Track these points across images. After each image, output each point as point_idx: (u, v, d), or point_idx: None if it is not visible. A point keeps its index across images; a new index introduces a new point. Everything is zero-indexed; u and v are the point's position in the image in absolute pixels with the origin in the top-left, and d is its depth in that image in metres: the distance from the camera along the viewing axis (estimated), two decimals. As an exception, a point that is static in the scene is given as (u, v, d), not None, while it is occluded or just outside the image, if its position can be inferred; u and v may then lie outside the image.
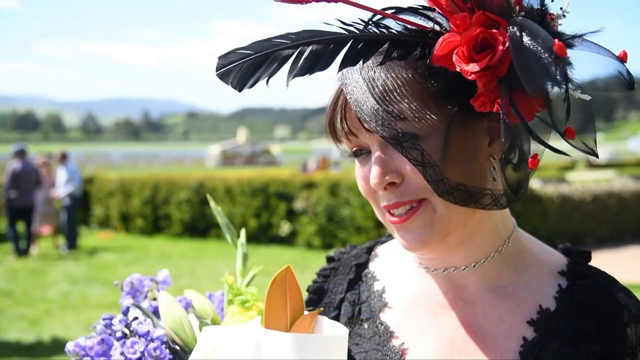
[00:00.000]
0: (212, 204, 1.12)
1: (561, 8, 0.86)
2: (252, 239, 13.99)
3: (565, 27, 0.88)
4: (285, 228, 13.62)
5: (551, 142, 0.86)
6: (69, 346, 0.99)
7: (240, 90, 0.89)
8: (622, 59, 0.83)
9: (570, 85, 0.82)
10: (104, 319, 1.01)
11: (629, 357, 0.97)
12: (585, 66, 0.84)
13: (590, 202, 12.92)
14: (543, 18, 0.86)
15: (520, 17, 0.83)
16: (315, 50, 0.88)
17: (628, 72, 0.83)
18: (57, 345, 6.55)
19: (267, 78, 0.88)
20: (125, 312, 1.03)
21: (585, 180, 16.88)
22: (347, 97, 0.91)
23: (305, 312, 0.92)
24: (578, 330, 0.98)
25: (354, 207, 11.93)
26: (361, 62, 0.90)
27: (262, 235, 13.94)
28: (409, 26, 0.91)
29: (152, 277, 1.12)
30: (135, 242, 14.89)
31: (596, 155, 0.86)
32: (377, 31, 0.90)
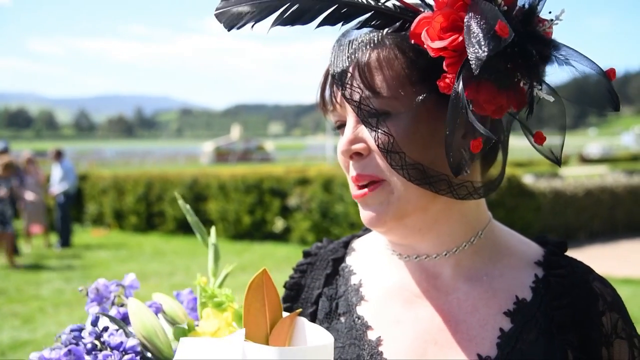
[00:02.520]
0: (180, 202, 1.07)
1: (550, 12, 0.88)
2: (246, 235, 13.98)
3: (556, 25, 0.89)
4: (279, 224, 13.61)
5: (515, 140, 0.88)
6: (33, 356, 0.92)
7: (229, 30, 0.98)
8: (610, 77, 0.84)
9: (535, 85, 0.85)
10: (71, 331, 0.94)
11: (604, 346, 0.98)
12: (572, 77, 0.86)
13: (583, 197, 12.97)
14: (529, 18, 0.87)
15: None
16: (302, 7, 0.96)
17: (613, 92, 0.84)
18: (51, 343, 6.50)
19: (253, 23, 0.97)
20: (95, 322, 0.96)
21: (577, 175, 16.95)
22: (329, 63, 0.97)
23: (284, 314, 0.90)
24: (554, 320, 0.98)
25: (347, 203, 11.93)
26: (340, 24, 0.97)
27: (256, 232, 13.93)
28: (395, 2, 0.96)
29: (119, 282, 1.05)
30: (129, 239, 14.85)
31: (558, 164, 0.89)
32: (363, 1, 0.96)
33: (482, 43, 0.80)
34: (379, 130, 0.92)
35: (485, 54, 0.80)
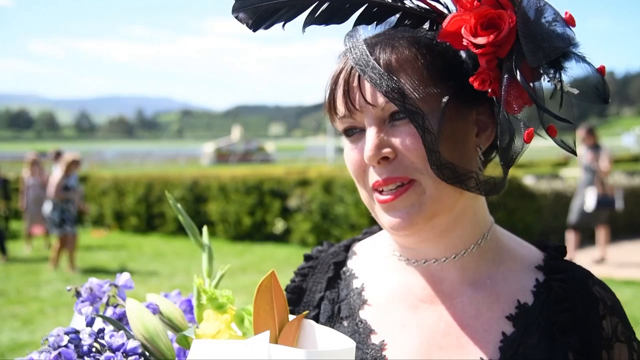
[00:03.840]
0: (171, 202, 1.05)
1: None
2: (246, 236, 13.97)
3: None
4: (279, 226, 13.60)
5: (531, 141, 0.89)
6: None
7: (255, 30, 0.96)
8: (601, 72, 0.87)
9: (563, 78, 0.86)
10: (67, 333, 0.90)
11: (605, 349, 0.99)
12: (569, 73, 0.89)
13: (583, 198, 12.95)
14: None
15: None
16: (333, 6, 0.95)
17: (604, 86, 0.87)
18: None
19: (284, 22, 0.96)
20: (90, 323, 0.94)
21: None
22: (354, 65, 0.95)
23: (290, 317, 0.90)
24: (556, 324, 0.99)
25: (348, 205, 11.92)
26: (375, 24, 0.98)
27: (256, 233, 13.92)
28: (420, 3, 0.97)
29: (112, 282, 1.02)
30: (129, 240, 14.85)
31: (575, 154, 0.90)
32: (390, 1, 0.96)
33: (563, 34, 0.83)
34: (427, 130, 0.91)
35: (565, 44, 0.82)
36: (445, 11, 0.97)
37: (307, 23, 0.96)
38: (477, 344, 0.99)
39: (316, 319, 1.13)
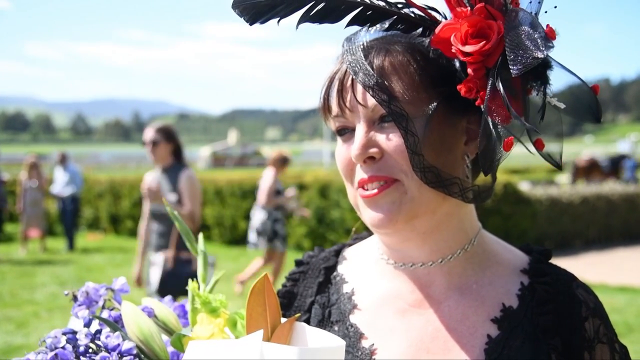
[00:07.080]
0: (168, 209, 1.08)
1: (546, 12, 0.93)
2: (242, 240, 13.93)
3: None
4: (275, 230, 13.57)
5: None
6: None
7: (251, 24, 1.00)
8: (594, 91, 0.89)
9: (547, 91, 0.89)
10: (64, 333, 0.93)
11: (587, 350, 1.01)
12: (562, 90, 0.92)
13: (578, 204, 13.00)
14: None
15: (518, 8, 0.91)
16: (328, 6, 0.99)
17: (597, 105, 0.90)
18: (45, 348, 6.45)
19: (279, 18, 0.99)
20: (88, 324, 0.96)
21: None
22: (346, 65, 0.98)
23: (282, 319, 0.91)
24: (539, 326, 1.02)
25: (344, 209, 11.93)
26: (367, 26, 1.01)
27: (252, 237, 13.90)
28: (415, 10, 1.00)
29: (108, 286, 1.04)
30: (125, 243, 14.83)
31: (560, 167, 0.93)
32: (385, 5, 0.99)
33: (539, 45, 0.85)
34: (410, 132, 0.94)
35: (543, 55, 0.85)
36: (439, 18, 0.99)
37: (301, 20, 0.99)
38: (463, 347, 1.02)
39: (307, 323, 1.14)
